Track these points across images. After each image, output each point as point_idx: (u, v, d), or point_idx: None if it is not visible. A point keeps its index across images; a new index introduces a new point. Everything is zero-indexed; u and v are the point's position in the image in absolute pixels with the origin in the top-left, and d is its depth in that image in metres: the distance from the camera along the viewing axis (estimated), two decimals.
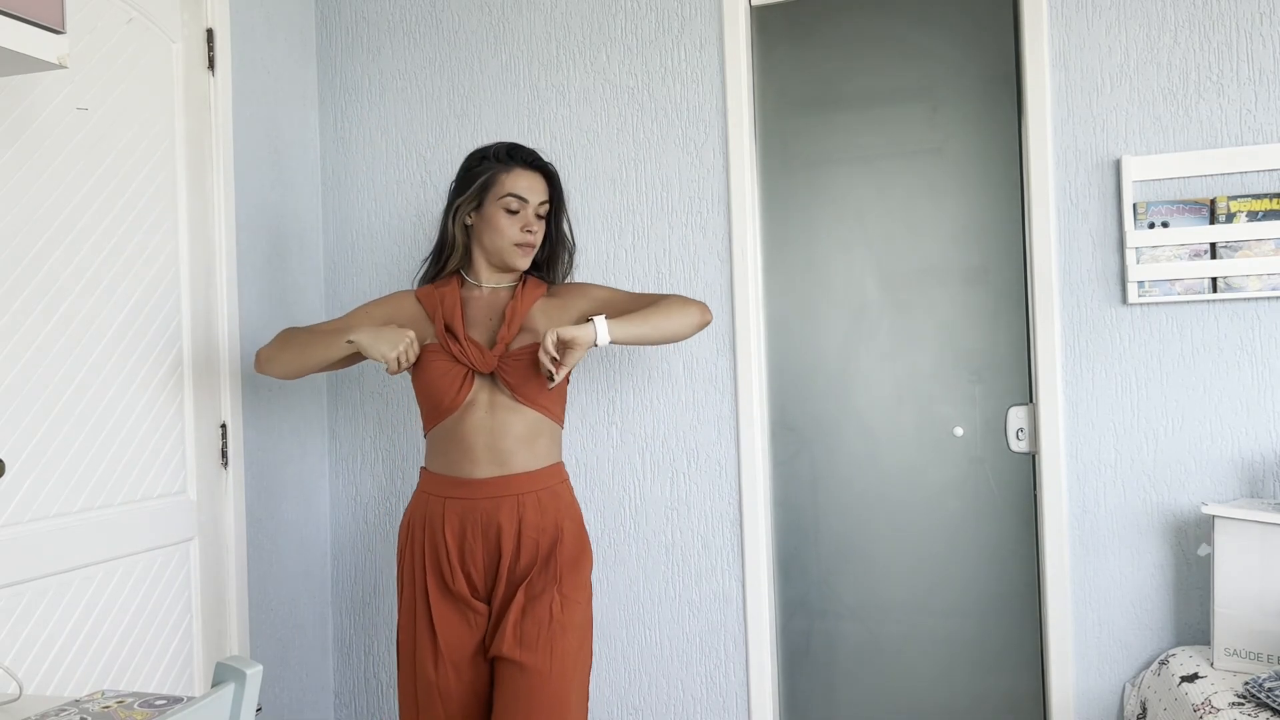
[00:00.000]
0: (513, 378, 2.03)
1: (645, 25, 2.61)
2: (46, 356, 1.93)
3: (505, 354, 2.04)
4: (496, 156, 2.11)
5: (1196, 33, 2.23)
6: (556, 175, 2.15)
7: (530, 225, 2.09)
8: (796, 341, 2.54)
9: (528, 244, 2.09)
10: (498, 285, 2.15)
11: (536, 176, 2.11)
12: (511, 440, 2.03)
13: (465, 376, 2.04)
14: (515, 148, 2.13)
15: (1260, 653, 1.96)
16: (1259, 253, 2.15)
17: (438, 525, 2.04)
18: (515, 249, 2.09)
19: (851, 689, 2.51)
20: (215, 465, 2.37)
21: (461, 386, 2.04)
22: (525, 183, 2.09)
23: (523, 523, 2.01)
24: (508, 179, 2.08)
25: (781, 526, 2.54)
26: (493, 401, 2.04)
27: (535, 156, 2.13)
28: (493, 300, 2.14)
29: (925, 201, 2.44)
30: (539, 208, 2.10)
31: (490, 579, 2.02)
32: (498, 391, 2.04)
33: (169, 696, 1.32)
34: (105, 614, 2.04)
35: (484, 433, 2.03)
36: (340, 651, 2.83)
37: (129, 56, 2.16)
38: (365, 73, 2.83)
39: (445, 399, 2.04)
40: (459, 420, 2.05)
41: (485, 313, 2.12)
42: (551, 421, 2.10)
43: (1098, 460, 2.28)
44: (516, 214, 2.08)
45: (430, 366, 2.05)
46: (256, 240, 2.54)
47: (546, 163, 2.15)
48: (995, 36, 2.40)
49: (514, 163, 2.10)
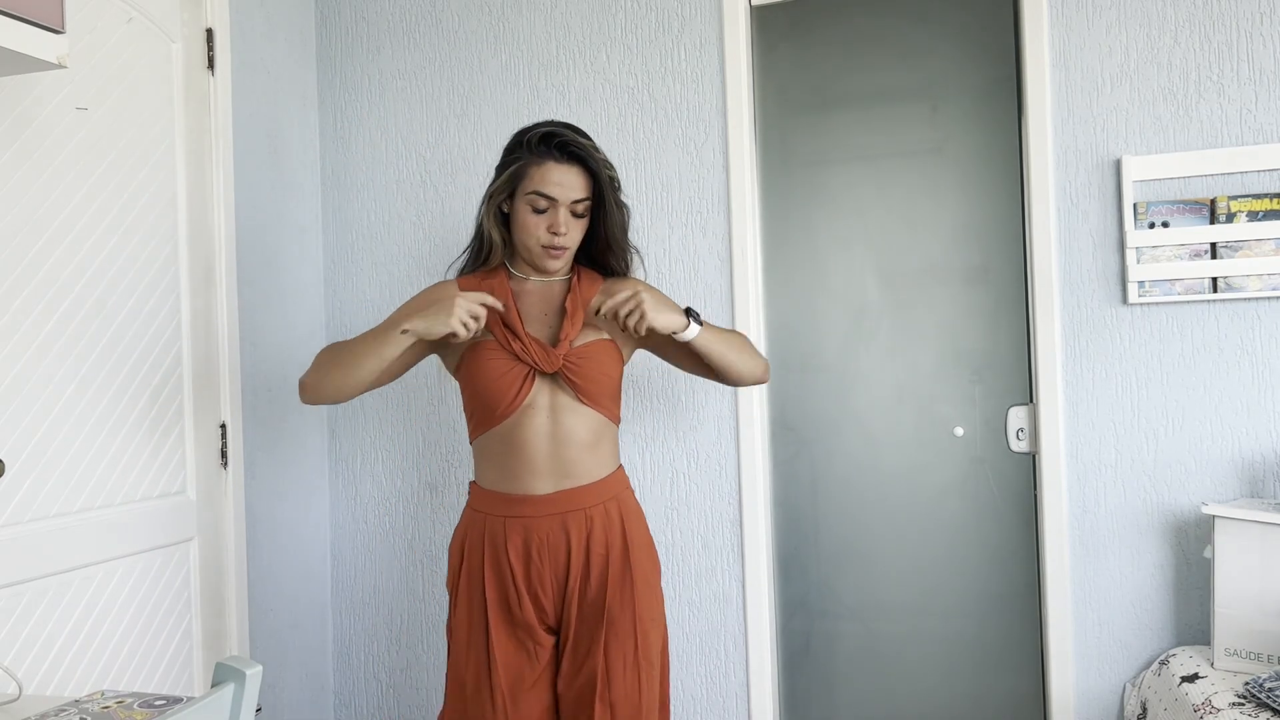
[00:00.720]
0: (579, 377, 1.84)
1: (645, 25, 2.61)
2: (46, 356, 1.93)
3: (570, 351, 1.85)
4: (530, 144, 1.85)
5: (1196, 33, 2.22)
6: (600, 165, 1.85)
7: (558, 227, 1.83)
8: (796, 341, 2.53)
9: (555, 247, 1.85)
10: (548, 278, 1.95)
11: (571, 169, 1.83)
12: (575, 447, 1.85)
13: (526, 376, 1.83)
14: (551, 134, 1.84)
15: (1260, 653, 1.96)
16: (1259, 253, 2.15)
17: (500, 548, 1.84)
18: (542, 251, 1.86)
19: (851, 689, 2.51)
20: (215, 465, 2.37)
21: (521, 388, 1.83)
22: (555, 177, 1.82)
23: (591, 538, 1.84)
24: (536, 173, 1.83)
25: (781, 526, 2.54)
26: (554, 403, 1.85)
27: (572, 143, 1.83)
28: (546, 294, 1.93)
29: (925, 201, 2.44)
30: (574, 206, 1.84)
31: (559, 602, 1.85)
32: (559, 392, 1.85)
33: (169, 696, 1.32)
34: (105, 614, 2.04)
35: (544, 439, 1.84)
36: (340, 651, 2.83)
37: (129, 56, 2.16)
38: (365, 73, 2.83)
39: (503, 401, 1.84)
40: (516, 425, 1.85)
41: (540, 307, 1.91)
42: (612, 423, 1.93)
43: (1098, 460, 2.28)
44: (544, 213, 1.84)
45: (487, 366, 1.84)
46: (256, 240, 2.54)
47: (587, 150, 1.84)
48: (995, 36, 2.39)
49: (546, 154, 1.83)
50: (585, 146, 1.85)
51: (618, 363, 1.93)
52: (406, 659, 2.77)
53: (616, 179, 1.91)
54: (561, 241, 1.85)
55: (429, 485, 2.75)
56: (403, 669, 2.77)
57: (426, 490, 2.75)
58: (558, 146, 1.83)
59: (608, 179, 1.86)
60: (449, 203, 2.74)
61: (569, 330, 1.86)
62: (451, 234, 2.73)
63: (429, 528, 2.74)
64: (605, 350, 1.90)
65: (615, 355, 1.92)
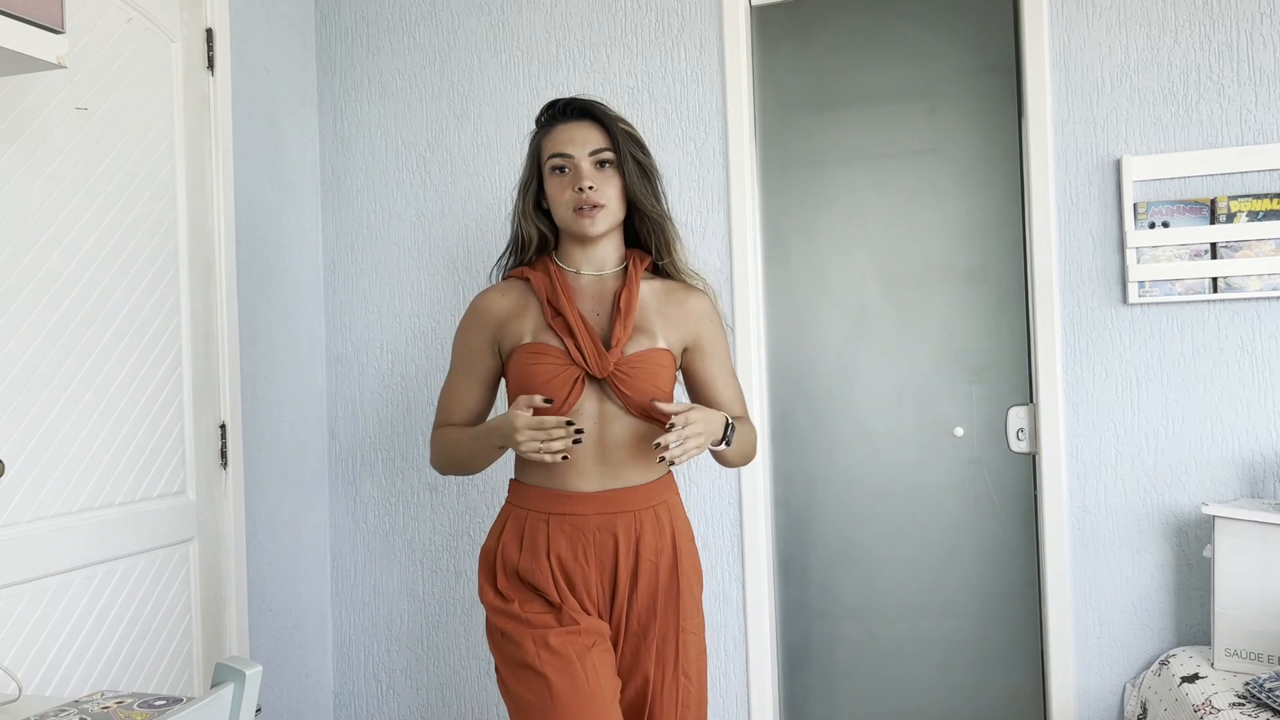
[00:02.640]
0: (629, 387, 1.73)
1: (645, 25, 2.60)
2: (46, 356, 1.93)
3: (621, 359, 1.74)
4: (539, 122, 1.85)
5: (1197, 33, 2.22)
6: (605, 114, 1.80)
7: (582, 181, 1.74)
8: (796, 341, 2.53)
9: (587, 203, 1.74)
10: (600, 271, 1.83)
11: (580, 124, 1.78)
12: (622, 451, 1.75)
13: (576, 380, 1.73)
14: (554, 101, 1.84)
15: (1260, 653, 1.95)
16: (1259, 253, 2.15)
17: (541, 548, 1.73)
18: (574, 216, 1.76)
19: (851, 689, 2.51)
20: (215, 465, 2.37)
21: (571, 391, 1.73)
22: (566, 135, 1.77)
23: (640, 544, 1.74)
24: (548, 141, 1.80)
25: (781, 527, 2.54)
26: (601, 411, 1.75)
27: (575, 100, 1.81)
28: (599, 290, 1.82)
29: (925, 201, 2.44)
30: (592, 157, 1.76)
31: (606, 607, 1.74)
32: (607, 400, 1.75)
33: (169, 697, 1.32)
34: (105, 614, 2.04)
35: (593, 442, 1.74)
36: (340, 651, 2.83)
37: (129, 56, 2.16)
38: (365, 73, 2.83)
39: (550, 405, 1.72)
40: None
41: (592, 305, 1.80)
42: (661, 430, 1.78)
43: (1098, 460, 2.28)
44: (566, 173, 1.77)
45: (538, 369, 1.74)
46: (256, 240, 2.54)
47: (587, 103, 1.80)
48: (995, 36, 2.40)
49: (553, 120, 1.82)
50: (590, 101, 1.81)
51: (670, 372, 1.81)
52: (406, 659, 2.77)
53: (636, 136, 1.83)
54: (590, 196, 1.74)
55: (429, 485, 2.75)
56: (403, 669, 2.77)
57: (426, 490, 2.75)
58: (562, 109, 1.81)
59: (622, 131, 1.79)
60: (449, 203, 2.74)
61: (619, 334, 1.74)
62: (451, 234, 2.73)
63: (429, 528, 2.74)
64: (659, 360, 1.77)
65: (669, 364, 1.80)
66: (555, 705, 1.63)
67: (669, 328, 1.81)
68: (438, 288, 2.73)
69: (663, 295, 1.84)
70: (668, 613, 1.76)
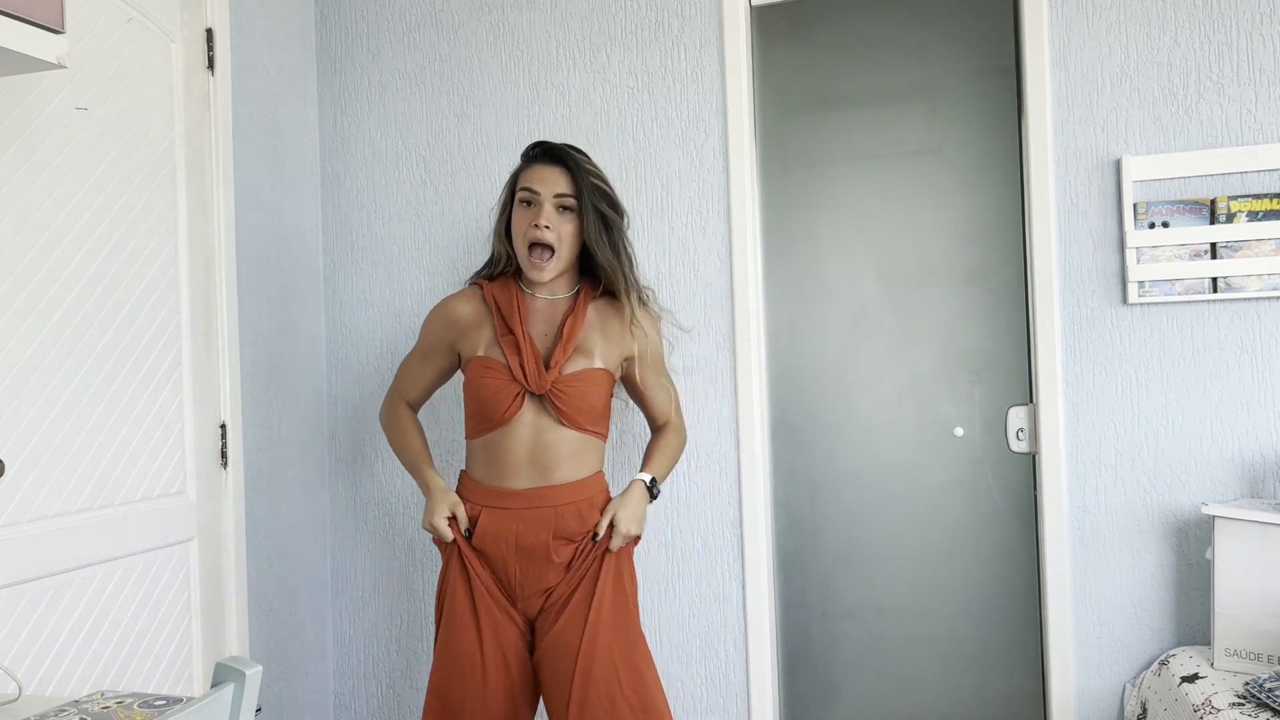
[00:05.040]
0: (562, 403, 2.00)
1: (645, 25, 2.61)
2: (46, 356, 1.93)
3: (559, 378, 2.00)
4: (523, 156, 2.11)
5: (1196, 33, 2.22)
6: (576, 164, 2.03)
7: (540, 219, 1.99)
8: (796, 341, 2.53)
9: (538, 240, 2.00)
10: (553, 296, 2.10)
11: (553, 168, 2.02)
12: (555, 456, 2.02)
13: (517, 395, 2.00)
14: (538, 143, 2.10)
15: (1260, 653, 1.96)
16: (1259, 253, 2.15)
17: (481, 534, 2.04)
18: (528, 254, 2.02)
19: (851, 689, 2.51)
20: (215, 465, 2.37)
21: (512, 404, 2.00)
22: (539, 174, 2.03)
23: (558, 529, 2.01)
24: (524, 175, 2.06)
25: (781, 526, 2.54)
26: (539, 422, 2.02)
27: (555, 146, 2.06)
28: (550, 313, 2.08)
29: (925, 201, 2.44)
30: (556, 199, 2.01)
31: (530, 590, 2.03)
32: (544, 414, 2.02)
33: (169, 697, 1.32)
34: (105, 614, 2.04)
35: (527, 449, 2.02)
36: (340, 651, 2.83)
37: (129, 56, 2.16)
38: (365, 73, 2.83)
39: (494, 415, 2.02)
40: (503, 435, 2.03)
41: (543, 326, 2.07)
42: (596, 439, 2.09)
43: (1098, 460, 2.28)
44: (530, 207, 2.03)
45: (484, 382, 2.02)
46: (256, 240, 2.54)
47: (565, 152, 2.04)
48: (995, 36, 2.40)
49: (532, 158, 2.07)
50: (567, 149, 2.05)
51: (604, 389, 2.06)
52: (406, 659, 2.77)
53: (605, 189, 2.07)
54: (544, 236, 1.99)
55: None
56: (403, 669, 2.77)
57: None
58: (541, 151, 2.07)
59: (590, 183, 2.02)
60: (449, 203, 2.74)
61: (559, 357, 2.01)
62: (451, 234, 2.74)
63: None
64: (594, 378, 2.03)
65: (604, 383, 2.06)
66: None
67: (609, 346, 2.07)
68: (438, 288, 2.73)
69: (608, 312, 2.10)
70: (597, 570, 2.01)
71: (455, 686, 2.00)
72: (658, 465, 2.16)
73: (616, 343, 2.09)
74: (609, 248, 2.05)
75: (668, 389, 2.21)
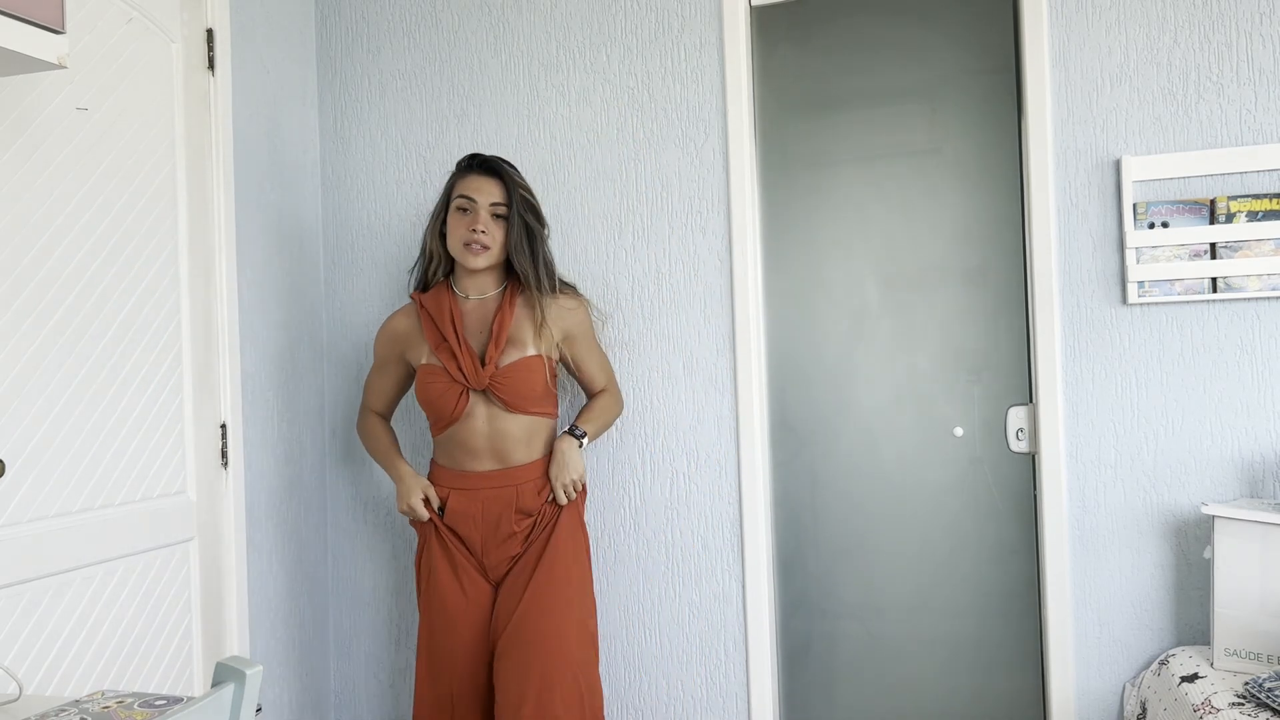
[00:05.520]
0: (505, 394, 2.21)
1: (645, 25, 2.61)
2: (46, 356, 1.93)
3: (496, 371, 2.20)
4: (458, 166, 2.29)
5: (1196, 33, 2.23)
6: (509, 176, 2.24)
7: (477, 224, 2.19)
8: (796, 341, 2.54)
9: (474, 242, 2.19)
10: (482, 295, 2.28)
11: (487, 179, 2.23)
12: (509, 442, 2.24)
13: (461, 393, 2.21)
14: (472, 156, 2.28)
15: (1260, 653, 1.96)
16: (1259, 253, 2.15)
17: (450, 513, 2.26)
18: (464, 248, 2.20)
19: (851, 689, 2.51)
20: (215, 465, 2.37)
21: (458, 402, 2.22)
22: (474, 184, 2.22)
23: (519, 506, 2.23)
24: (460, 184, 2.25)
25: (781, 526, 2.54)
26: (490, 412, 2.23)
27: (490, 159, 2.26)
28: (481, 312, 2.27)
29: (925, 201, 2.44)
30: (491, 208, 2.21)
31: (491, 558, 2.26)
32: (492, 404, 2.23)
33: (169, 696, 1.32)
34: (105, 614, 2.04)
35: (483, 438, 2.24)
36: (340, 651, 2.83)
37: (129, 56, 2.16)
38: (365, 73, 2.83)
39: (445, 413, 2.23)
40: (459, 429, 2.25)
41: (477, 325, 2.26)
42: (545, 419, 2.29)
43: (1098, 460, 2.28)
44: (466, 214, 2.22)
45: (429, 387, 2.23)
46: (256, 240, 2.54)
47: (500, 165, 2.25)
48: (995, 37, 2.40)
49: (468, 169, 2.26)
50: (500, 162, 2.26)
51: (541, 374, 2.24)
52: (406, 659, 2.77)
53: (531, 201, 2.28)
54: (479, 238, 2.19)
55: None
56: (403, 669, 2.77)
57: None
58: (478, 163, 2.25)
59: (520, 196, 2.23)
60: None
61: (492, 352, 2.20)
62: None
63: None
64: (529, 366, 2.22)
65: (540, 368, 2.24)
66: None
67: (538, 333, 2.25)
68: None
69: (526, 309, 2.27)
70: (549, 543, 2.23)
71: (441, 633, 2.25)
72: (587, 420, 2.37)
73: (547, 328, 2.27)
74: (528, 255, 2.24)
75: (599, 361, 2.40)
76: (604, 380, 2.43)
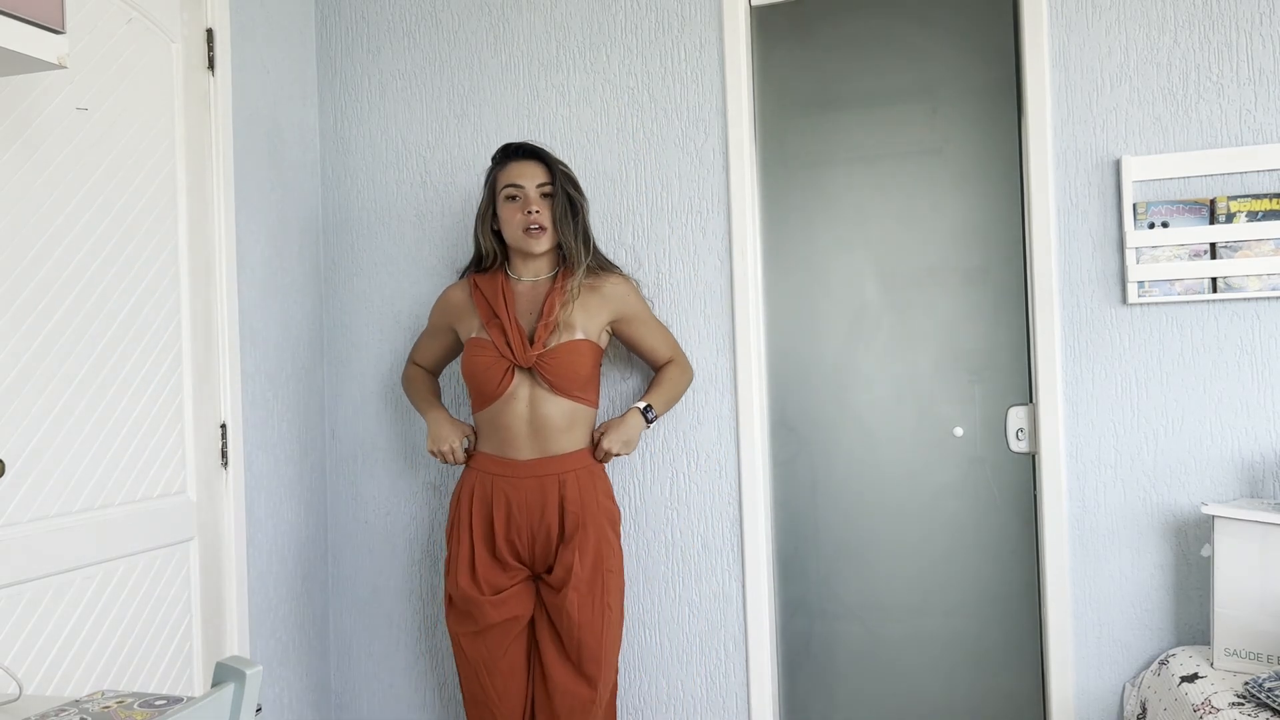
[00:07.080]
0: (550, 374, 2.21)
1: (645, 25, 2.61)
2: (46, 356, 1.93)
3: (544, 351, 2.21)
4: (493, 160, 2.34)
5: (1196, 33, 2.23)
6: (549, 157, 2.29)
7: (530, 205, 2.24)
8: (796, 341, 2.54)
9: (534, 225, 2.23)
10: (536, 278, 2.32)
11: (528, 163, 2.28)
12: (550, 429, 2.24)
13: (507, 370, 2.22)
14: (507, 146, 2.33)
15: (1260, 653, 1.96)
16: (1259, 253, 2.15)
17: (487, 502, 2.26)
18: (524, 235, 2.24)
19: (851, 689, 2.51)
20: (215, 465, 2.37)
21: (503, 379, 2.23)
22: (518, 171, 2.27)
23: (565, 499, 2.23)
24: (504, 175, 2.29)
25: (781, 526, 2.54)
26: (533, 394, 2.24)
27: (522, 145, 2.30)
28: (534, 294, 2.30)
29: (925, 201, 2.44)
30: (538, 189, 2.25)
31: (533, 547, 2.25)
32: (537, 385, 2.23)
33: (169, 696, 1.32)
34: (105, 614, 2.04)
35: (524, 422, 2.24)
36: (340, 651, 2.83)
37: (129, 56, 2.16)
38: (365, 73, 2.83)
39: (488, 389, 2.24)
40: (501, 409, 2.25)
41: (528, 305, 2.29)
42: (587, 407, 2.29)
43: (1098, 460, 2.28)
44: (517, 200, 2.26)
45: (475, 359, 2.25)
46: (256, 240, 2.54)
47: (536, 148, 2.30)
48: (995, 37, 2.40)
49: (508, 158, 2.30)
50: (537, 146, 2.30)
51: (588, 358, 2.25)
52: (406, 659, 2.77)
53: (572, 176, 2.32)
54: (536, 219, 2.23)
55: (429, 485, 2.75)
56: (403, 669, 2.77)
57: (427, 489, 2.75)
58: (515, 150, 2.30)
59: (560, 172, 2.28)
60: (449, 203, 2.74)
61: (541, 332, 2.22)
62: (451, 234, 2.74)
63: (429, 527, 2.75)
64: (577, 349, 2.23)
65: (588, 352, 2.24)
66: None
67: (589, 318, 2.27)
68: (437, 288, 2.73)
69: (586, 290, 2.28)
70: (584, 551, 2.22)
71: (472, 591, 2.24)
72: (655, 395, 2.37)
73: (596, 312, 2.28)
74: (571, 228, 2.27)
75: (659, 333, 2.41)
76: (668, 351, 2.42)
